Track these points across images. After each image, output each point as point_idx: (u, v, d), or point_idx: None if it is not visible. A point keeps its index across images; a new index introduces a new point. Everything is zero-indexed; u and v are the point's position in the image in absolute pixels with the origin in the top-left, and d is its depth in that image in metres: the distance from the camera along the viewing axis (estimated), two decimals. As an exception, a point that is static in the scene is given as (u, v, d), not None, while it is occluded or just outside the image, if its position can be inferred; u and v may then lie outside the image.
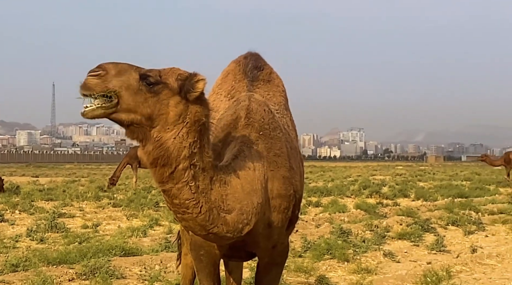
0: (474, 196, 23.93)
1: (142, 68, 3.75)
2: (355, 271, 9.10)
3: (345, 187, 28.78)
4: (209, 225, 3.84)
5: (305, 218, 15.20)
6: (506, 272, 9.59)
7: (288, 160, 4.35)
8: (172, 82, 3.72)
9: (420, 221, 14.29)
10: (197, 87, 3.71)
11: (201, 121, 3.76)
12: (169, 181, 3.74)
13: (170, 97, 3.70)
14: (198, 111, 3.75)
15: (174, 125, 3.70)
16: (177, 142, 3.70)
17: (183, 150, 3.71)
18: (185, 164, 3.73)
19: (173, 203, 3.80)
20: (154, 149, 3.70)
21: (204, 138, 3.80)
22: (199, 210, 3.79)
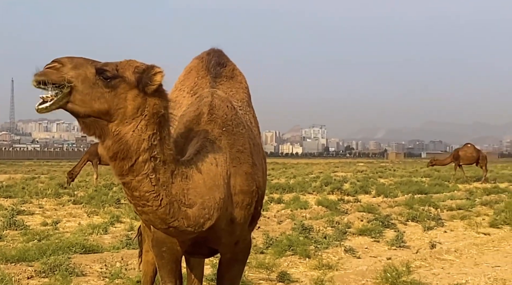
0: (433, 192, 24.26)
1: (98, 62, 3.71)
2: (316, 267, 9.16)
3: (307, 183, 28.93)
4: (170, 219, 3.83)
5: (267, 215, 15.25)
6: (464, 267, 9.75)
7: (251, 156, 4.35)
8: (130, 75, 3.70)
9: (381, 217, 14.44)
10: (155, 79, 3.69)
11: (160, 113, 3.75)
12: (129, 174, 3.73)
13: (128, 91, 3.68)
14: (156, 104, 3.74)
15: (132, 118, 3.68)
16: (136, 135, 3.68)
17: (143, 142, 3.70)
18: (145, 157, 3.72)
19: (133, 196, 3.79)
20: (114, 144, 3.68)
21: (164, 130, 3.79)
22: (159, 203, 3.78)
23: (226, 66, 5.06)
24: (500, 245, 11.95)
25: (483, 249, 11.41)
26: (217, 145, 4.18)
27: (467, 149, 36.79)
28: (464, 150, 36.80)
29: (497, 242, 12.19)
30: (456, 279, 8.69)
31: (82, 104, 3.59)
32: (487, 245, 11.83)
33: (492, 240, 12.41)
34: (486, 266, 9.83)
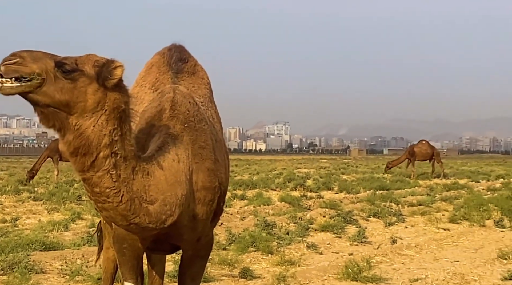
0: (394, 188, 24.53)
1: (57, 55, 3.68)
2: (278, 263, 9.19)
3: (270, 180, 28.99)
4: (131, 215, 3.81)
5: (230, 211, 15.25)
6: (424, 262, 9.87)
7: (213, 152, 4.34)
8: (89, 69, 3.67)
9: (343, 213, 14.55)
10: (115, 73, 3.67)
11: (121, 108, 3.72)
12: (89, 170, 3.70)
13: (87, 85, 3.65)
14: (117, 98, 3.71)
15: (92, 112, 3.65)
16: (97, 130, 3.66)
17: (104, 138, 3.67)
18: (106, 152, 3.69)
19: (93, 192, 3.76)
20: (75, 139, 3.65)
21: (125, 125, 3.77)
22: (120, 199, 3.75)
23: (188, 62, 5.04)
24: (459, 240, 12.13)
25: (443, 244, 11.57)
26: (179, 141, 4.16)
27: (422, 146, 37.34)
28: (419, 146, 37.34)
29: (456, 237, 12.37)
30: (416, 274, 8.79)
31: (44, 95, 3.56)
32: (446, 241, 12.00)
33: (452, 236, 12.60)
34: (446, 261, 9.97)
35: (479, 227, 13.73)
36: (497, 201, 16.58)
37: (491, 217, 14.67)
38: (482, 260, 9.94)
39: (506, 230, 13.52)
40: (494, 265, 9.60)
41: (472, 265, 9.55)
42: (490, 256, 10.24)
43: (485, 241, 12.05)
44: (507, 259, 9.86)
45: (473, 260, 9.98)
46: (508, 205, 15.85)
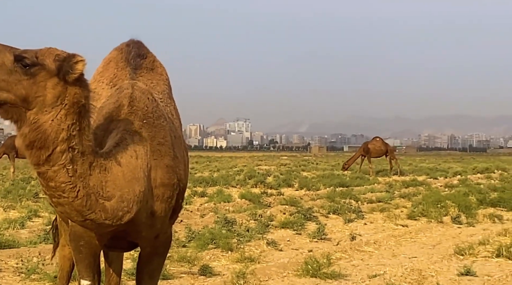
0: (354, 185, 24.70)
1: (17, 48, 3.60)
2: (238, 260, 9.18)
3: (231, 177, 28.96)
4: (86, 211, 3.75)
5: (190, 208, 15.19)
6: (383, 258, 9.97)
7: (172, 149, 4.31)
8: (50, 63, 3.60)
9: (303, 210, 14.61)
10: (76, 68, 3.61)
11: (81, 103, 3.68)
12: (45, 164, 3.63)
13: (47, 79, 3.59)
14: (77, 93, 3.66)
15: (52, 107, 3.60)
16: (55, 124, 3.60)
17: (61, 132, 3.62)
18: (63, 147, 3.63)
19: (48, 186, 3.69)
20: (31, 132, 3.58)
21: (84, 120, 3.72)
22: (75, 195, 3.70)
23: (146, 58, 4.99)
24: (417, 236, 12.27)
25: (401, 241, 11.70)
26: (138, 137, 4.12)
27: (376, 143, 37.82)
28: (373, 143, 37.80)
29: (414, 234, 12.51)
30: (374, 270, 8.86)
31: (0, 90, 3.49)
32: (404, 237, 12.13)
33: (410, 232, 12.74)
34: (404, 257, 10.08)
35: (436, 223, 13.91)
36: (454, 197, 16.81)
37: (449, 213, 14.88)
38: (439, 256, 10.07)
39: (462, 226, 13.73)
40: (451, 261, 9.73)
41: (430, 261, 9.66)
42: (447, 252, 10.37)
43: (443, 237, 12.22)
44: (463, 255, 10.00)
45: (431, 256, 10.10)
46: (465, 202, 16.11)
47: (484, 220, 14.54)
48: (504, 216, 15.14)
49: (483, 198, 17.93)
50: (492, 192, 20.91)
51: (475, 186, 24.13)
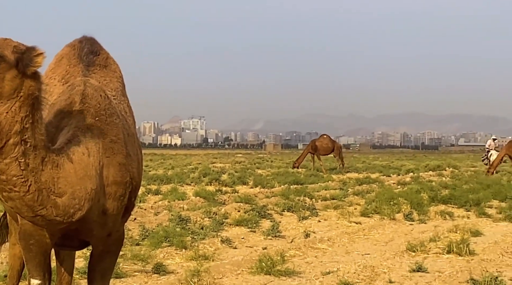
0: (309, 183, 24.85)
1: None
2: (192, 258, 9.15)
3: (185, 175, 28.88)
4: (37, 207, 3.71)
5: (144, 206, 15.08)
6: (336, 255, 10.05)
7: (124, 146, 4.28)
8: (9, 54, 3.56)
9: (257, 207, 14.63)
10: (36, 61, 3.59)
11: (35, 94, 3.65)
12: None
13: (6, 71, 3.55)
14: (32, 85, 3.63)
15: (8, 99, 3.56)
16: (9, 117, 3.56)
17: (15, 124, 3.58)
18: (16, 139, 3.59)
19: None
20: None
21: (37, 113, 3.69)
22: (27, 189, 3.65)
23: (99, 55, 4.94)
24: (370, 233, 12.41)
25: (354, 238, 11.81)
26: (90, 134, 4.08)
27: (323, 140, 38.31)
28: (320, 141, 38.26)
29: (368, 231, 12.65)
30: (328, 267, 8.93)
31: None
32: (358, 234, 12.25)
33: (363, 229, 12.87)
34: (357, 254, 10.18)
35: (389, 220, 14.08)
36: (406, 195, 17.05)
37: (401, 210, 15.08)
38: (392, 253, 10.20)
39: (414, 223, 13.93)
40: (403, 257, 9.86)
41: (382, 258, 9.78)
42: (399, 249, 10.51)
43: (395, 234, 12.37)
44: (415, 251, 10.14)
45: (383, 253, 10.23)
46: (417, 199, 16.36)
47: (436, 217, 14.77)
48: (455, 213, 15.41)
49: (434, 195, 18.21)
50: (443, 189, 21.24)
51: (427, 184, 24.48)
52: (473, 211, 15.94)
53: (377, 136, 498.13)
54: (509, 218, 14.48)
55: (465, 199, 17.19)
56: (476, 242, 11.05)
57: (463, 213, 15.81)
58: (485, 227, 13.49)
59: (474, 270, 8.64)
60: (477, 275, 8.03)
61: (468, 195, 17.92)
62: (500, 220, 14.52)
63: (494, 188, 20.63)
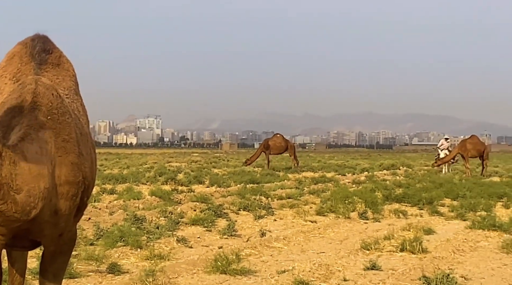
0: (265, 182, 24.93)
1: None
2: (147, 258, 9.10)
3: (141, 174, 28.68)
4: None
5: (99, 206, 14.93)
6: (292, 254, 10.10)
7: (77, 146, 4.24)
8: None
9: (214, 206, 14.61)
10: None
11: None
12: None
13: None
14: None
15: None
16: None
17: None
18: None
19: None
20: None
21: None
22: None
23: (52, 53, 4.88)
24: (326, 232, 12.50)
25: (310, 236, 11.89)
26: (42, 133, 4.04)
27: (276, 139, 38.65)
28: (274, 140, 38.57)
29: (323, 229, 12.74)
30: (283, 266, 8.97)
31: None
32: (313, 233, 12.33)
33: (318, 228, 12.96)
34: (312, 253, 10.25)
35: (344, 219, 14.21)
36: (361, 193, 17.23)
37: (356, 209, 15.23)
38: (347, 251, 10.29)
39: (369, 222, 14.08)
40: (357, 255, 9.96)
41: (337, 256, 9.87)
42: (354, 247, 10.62)
43: (350, 233, 12.49)
44: (369, 249, 10.26)
45: (338, 251, 10.32)
46: (372, 198, 16.54)
47: (390, 216, 14.96)
48: (408, 212, 15.63)
49: (388, 194, 18.45)
50: (397, 188, 21.56)
51: (381, 183, 24.78)
52: (426, 209, 16.21)
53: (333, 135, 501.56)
54: (461, 216, 14.75)
55: (418, 197, 17.46)
56: (429, 240, 11.23)
57: (417, 211, 16.06)
58: (437, 225, 13.72)
59: (427, 267, 8.78)
60: (429, 273, 8.16)
61: (421, 193, 18.20)
62: (452, 218, 14.78)
63: (446, 187, 21.02)
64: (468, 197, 18.15)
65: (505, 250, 10.34)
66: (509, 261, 9.60)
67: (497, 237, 11.89)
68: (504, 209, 16.78)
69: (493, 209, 16.21)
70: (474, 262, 9.60)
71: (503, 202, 18.04)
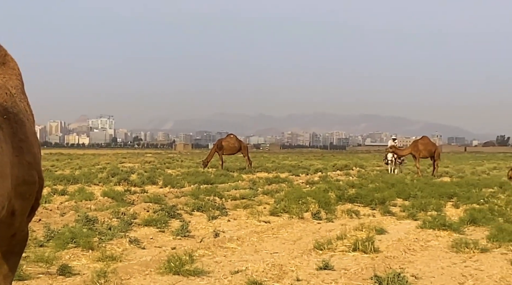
0: (219, 182, 24.91)
1: None
2: (99, 259, 8.99)
3: (93, 174, 28.38)
4: None
5: (50, 207, 14.72)
6: (245, 254, 10.10)
7: (33, 146, 4.17)
8: None
9: (167, 207, 14.53)
10: None
11: None
12: None
13: None
14: None
15: None
16: None
17: None
18: None
19: None
20: None
21: None
22: None
23: (-3, 52, 4.79)
24: (279, 232, 12.53)
25: (263, 237, 11.90)
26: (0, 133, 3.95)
27: (230, 140, 38.92)
28: (227, 140, 38.85)
29: (276, 230, 12.77)
30: (237, 266, 8.96)
31: None
32: (267, 233, 12.35)
33: (272, 228, 12.99)
34: (265, 253, 10.26)
35: (298, 219, 14.28)
36: (314, 194, 17.33)
37: (309, 209, 15.31)
38: (300, 251, 10.33)
39: (322, 222, 14.17)
40: (310, 255, 10.01)
41: (290, 256, 9.90)
42: (307, 247, 10.67)
43: (303, 233, 12.55)
44: (322, 249, 10.32)
45: (291, 251, 10.35)
46: (325, 198, 16.65)
47: (343, 216, 15.08)
48: (361, 212, 15.79)
49: (341, 194, 18.61)
50: (350, 188, 21.76)
51: (334, 183, 25.00)
52: (378, 209, 16.40)
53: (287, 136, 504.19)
54: (412, 216, 14.95)
55: (370, 198, 17.65)
56: (381, 240, 11.36)
57: (369, 211, 16.24)
58: (389, 225, 13.88)
59: (378, 267, 8.87)
60: (381, 272, 8.24)
61: (373, 194, 18.39)
62: (403, 218, 14.98)
63: (398, 187, 21.31)
64: (419, 197, 18.43)
65: (454, 249, 10.51)
66: (458, 260, 9.76)
67: (447, 236, 12.09)
68: (454, 209, 17.06)
69: (443, 209, 16.49)
70: (425, 261, 9.73)
71: (453, 202, 18.35)
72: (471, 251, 10.30)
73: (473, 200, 18.11)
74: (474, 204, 17.20)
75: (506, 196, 18.71)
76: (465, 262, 9.60)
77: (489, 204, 16.79)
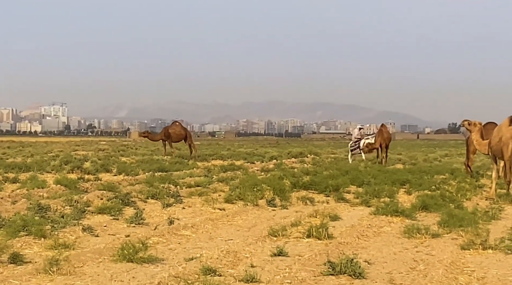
0: (173, 170, 24.79)
1: None
2: (52, 247, 8.89)
3: (46, 162, 27.97)
4: None
5: (1, 195, 14.47)
6: (200, 242, 10.09)
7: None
8: None
9: (121, 195, 14.42)
10: None
11: None
12: None
13: None
14: None
15: None
16: None
17: None
18: None
19: None
20: None
21: None
22: None
23: None
24: (234, 219, 12.55)
25: (218, 224, 11.91)
26: None
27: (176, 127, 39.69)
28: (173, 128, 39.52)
29: (231, 217, 12.79)
30: (191, 253, 8.95)
31: None
32: (222, 220, 12.36)
33: (227, 215, 13.00)
34: (220, 240, 10.27)
35: (252, 206, 14.32)
36: (270, 181, 17.38)
37: (264, 196, 15.36)
38: (254, 238, 10.37)
39: (277, 209, 14.24)
40: (265, 242, 10.05)
41: (245, 243, 9.92)
42: (262, 234, 10.71)
43: (258, 220, 12.59)
44: (277, 236, 10.37)
45: (246, 238, 10.38)
46: (280, 185, 16.72)
47: (297, 203, 15.18)
48: (315, 199, 15.91)
49: (296, 181, 18.70)
50: (305, 175, 21.87)
51: (289, 170, 25.12)
52: (332, 196, 16.54)
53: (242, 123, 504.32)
54: (365, 202, 15.13)
55: (325, 185, 17.78)
56: (335, 226, 11.46)
57: (323, 198, 16.37)
58: (343, 211, 14.03)
59: (332, 253, 8.96)
60: (334, 258, 8.32)
61: (328, 181, 18.52)
62: (357, 205, 15.14)
63: (352, 174, 21.51)
64: (372, 184, 18.64)
65: (406, 235, 10.67)
66: (410, 246, 9.91)
67: (399, 222, 12.27)
68: (407, 195, 17.31)
69: (396, 196, 16.72)
70: (377, 247, 9.86)
71: (405, 188, 18.62)
72: (423, 237, 10.48)
73: (425, 186, 18.40)
74: (426, 190, 17.48)
75: (457, 183, 19.02)
76: (417, 247, 9.76)
77: (440, 191, 17.08)
